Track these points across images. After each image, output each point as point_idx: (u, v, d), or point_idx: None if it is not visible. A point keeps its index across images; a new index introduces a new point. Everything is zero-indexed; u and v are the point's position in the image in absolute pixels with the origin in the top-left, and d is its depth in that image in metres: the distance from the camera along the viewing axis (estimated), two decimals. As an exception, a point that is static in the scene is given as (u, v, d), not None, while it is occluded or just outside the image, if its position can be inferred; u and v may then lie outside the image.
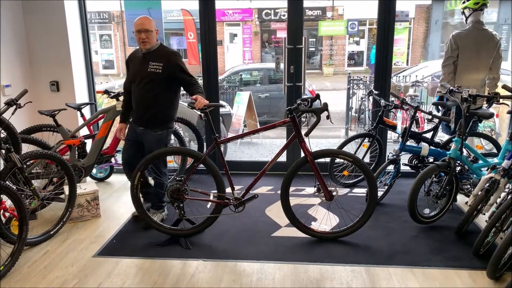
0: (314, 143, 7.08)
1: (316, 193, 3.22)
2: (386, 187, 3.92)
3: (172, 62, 3.17)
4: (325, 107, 2.86)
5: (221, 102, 6.69)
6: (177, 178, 3.19)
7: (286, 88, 4.56)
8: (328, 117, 2.94)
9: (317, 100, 3.15)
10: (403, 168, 3.98)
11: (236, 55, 18.90)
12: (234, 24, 19.16)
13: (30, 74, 4.40)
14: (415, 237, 3.30)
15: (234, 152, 6.31)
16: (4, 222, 3.22)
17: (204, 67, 4.60)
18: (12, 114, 3.04)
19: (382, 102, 3.91)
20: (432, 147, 3.90)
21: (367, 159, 4.53)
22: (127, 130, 3.47)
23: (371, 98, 4.35)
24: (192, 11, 18.27)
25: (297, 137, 3.09)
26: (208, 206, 3.39)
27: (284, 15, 19.64)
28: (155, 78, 3.16)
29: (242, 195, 3.23)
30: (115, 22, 18.82)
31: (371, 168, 4.38)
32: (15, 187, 3.01)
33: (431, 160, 3.96)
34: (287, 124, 3.11)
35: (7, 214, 3.26)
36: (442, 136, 4.41)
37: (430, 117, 3.62)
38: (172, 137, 4.46)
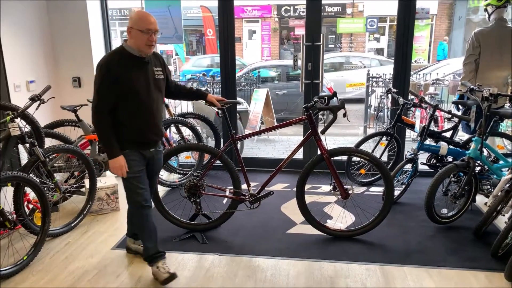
0: (332, 140, 7.06)
1: (332, 191, 3.22)
2: (404, 186, 3.88)
3: (166, 65, 2.75)
4: (342, 105, 2.86)
5: (238, 99, 6.72)
6: (194, 174, 3.23)
7: (304, 85, 4.56)
8: (344, 115, 2.94)
9: (334, 97, 3.15)
10: (422, 167, 3.95)
11: (254, 52, 18.93)
12: (253, 20, 19.17)
13: (53, 70, 4.51)
14: (431, 237, 3.27)
15: (251, 149, 6.34)
16: (27, 213, 3.33)
17: (222, 64, 4.63)
18: (36, 109, 3.14)
19: (401, 100, 3.88)
20: (451, 147, 3.85)
21: (384, 158, 4.50)
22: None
23: (389, 96, 4.30)
24: (211, 8, 18.40)
25: (314, 134, 3.09)
26: (224, 201, 3.42)
27: (303, 12, 19.54)
28: (162, 86, 2.69)
29: (258, 192, 3.25)
30: (136, 19, 19.04)
31: (388, 167, 4.36)
32: (38, 180, 3.11)
33: (450, 159, 3.92)
34: (303, 122, 3.12)
35: (30, 206, 3.37)
36: (462, 136, 4.35)
37: (449, 116, 3.57)
38: (190, 132, 4.53)
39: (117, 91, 2.43)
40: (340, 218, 3.52)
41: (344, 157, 4.11)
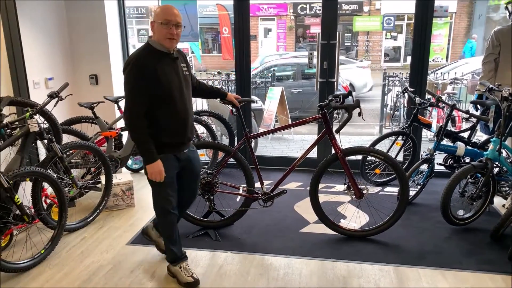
0: (347, 140, 7.01)
1: (346, 191, 3.20)
2: (419, 186, 3.83)
3: (188, 61, 2.64)
4: (357, 103, 2.84)
5: (253, 97, 6.73)
6: (208, 171, 3.25)
7: (319, 84, 4.54)
8: (360, 114, 2.92)
9: (349, 96, 3.13)
10: (438, 167, 3.89)
11: (270, 50, 18.89)
12: (269, 19, 19.15)
13: (71, 68, 4.59)
14: (447, 239, 3.22)
15: (265, 148, 6.34)
16: (45, 208, 3.40)
17: (237, 62, 4.64)
18: (54, 106, 3.20)
19: (417, 99, 3.83)
20: (469, 147, 3.78)
21: (400, 158, 4.45)
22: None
23: (406, 95, 4.25)
24: (227, 6, 18.42)
25: (328, 133, 3.08)
26: (237, 199, 3.43)
27: (319, 10, 19.42)
28: (190, 82, 2.60)
29: (271, 190, 3.25)
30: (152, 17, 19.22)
31: (404, 167, 4.31)
32: (56, 176, 3.17)
33: (467, 160, 3.85)
34: (318, 121, 3.10)
35: (48, 201, 3.44)
36: (480, 136, 4.27)
37: (467, 116, 3.51)
38: (204, 130, 4.56)
39: (153, 90, 2.30)
40: (354, 218, 3.50)
41: (359, 157, 4.08)
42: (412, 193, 3.87)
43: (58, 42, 4.39)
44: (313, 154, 4.90)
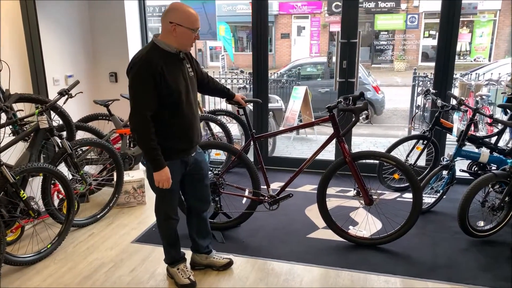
0: (372, 141, 6.80)
1: (355, 197, 3.07)
2: (438, 194, 3.63)
3: (193, 58, 2.54)
4: (364, 106, 2.70)
5: (274, 96, 6.65)
6: (214, 172, 3.21)
7: (338, 84, 4.40)
8: (367, 117, 2.78)
9: (361, 98, 2.99)
10: (462, 174, 3.67)
11: (303, 48, 18.70)
12: (303, 16, 18.94)
13: (92, 65, 4.67)
14: (464, 251, 3.03)
15: (286, 148, 6.24)
16: (58, 203, 3.48)
17: (254, 62, 4.57)
18: (64, 103, 3.25)
19: (439, 102, 3.63)
20: (495, 154, 3.55)
21: (422, 163, 4.25)
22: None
23: (427, 98, 4.04)
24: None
25: (337, 136, 2.95)
26: (243, 201, 3.38)
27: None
28: (195, 83, 2.51)
29: (277, 193, 3.17)
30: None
31: (425, 173, 4.11)
32: (69, 173, 3.23)
33: (494, 168, 3.61)
34: (327, 123, 2.99)
35: (60, 196, 3.51)
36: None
37: (490, 121, 3.28)
38: (219, 129, 4.52)
39: (160, 92, 2.20)
40: (367, 225, 3.35)
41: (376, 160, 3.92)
42: (431, 200, 3.68)
43: (80, 40, 4.48)
44: (331, 155, 4.78)
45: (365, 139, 6.98)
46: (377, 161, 3.95)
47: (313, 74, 9.60)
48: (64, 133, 3.48)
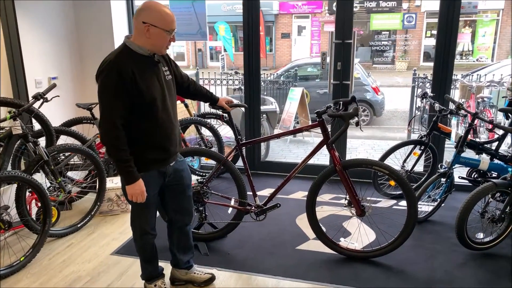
0: (370, 144, 6.62)
1: (347, 207, 2.89)
2: (436, 203, 3.45)
3: (172, 60, 2.35)
4: (354, 112, 2.53)
5: (269, 98, 6.49)
6: (199, 180, 3.04)
7: (332, 86, 4.23)
8: (357, 124, 2.60)
9: (353, 103, 2.82)
10: (462, 180, 3.49)
11: (303, 48, 18.51)
12: (303, 16, 18.75)
13: (78, 67, 4.52)
14: (462, 265, 2.85)
15: (281, 151, 6.07)
16: (36, 212, 3.32)
17: (245, 62, 4.40)
18: (39, 107, 3.09)
19: (437, 106, 3.45)
20: (496, 161, 3.37)
21: (420, 168, 4.08)
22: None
23: (424, 101, 3.86)
24: (260, 3, 18.07)
25: (326, 143, 2.78)
26: (229, 211, 3.21)
27: (356, 7, 18.80)
28: (173, 88, 2.31)
29: (265, 203, 3.00)
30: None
31: (422, 179, 3.94)
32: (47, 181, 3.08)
33: (495, 175, 3.43)
34: (316, 129, 2.82)
35: (39, 204, 3.35)
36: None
37: (490, 126, 3.10)
38: (210, 134, 4.36)
39: (132, 99, 2.02)
40: (360, 235, 3.17)
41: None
42: (428, 209, 3.51)
43: (65, 40, 4.33)
44: (326, 159, 4.60)
45: (363, 142, 6.80)
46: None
47: (312, 75, 9.42)
48: (43, 139, 3.32)
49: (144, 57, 2.11)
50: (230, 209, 3.12)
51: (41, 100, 3.00)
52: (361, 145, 6.61)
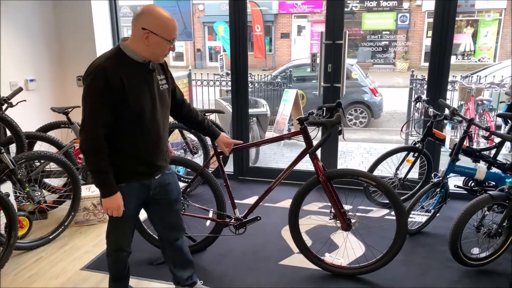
0: (367, 148, 6.42)
1: (332, 220, 2.69)
2: (430, 214, 3.25)
3: (169, 71, 2.18)
4: (337, 119, 2.32)
5: (261, 100, 6.30)
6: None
7: (322, 89, 4.03)
8: (340, 132, 2.41)
9: (338, 109, 2.62)
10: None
11: (303, 48, 18.29)
12: (303, 16, 18.54)
13: (58, 69, 4.34)
14: (456, 282, 2.65)
15: (274, 155, 5.87)
16: (5, 224, 3.13)
17: (232, 64, 4.21)
18: (3, 112, 2.91)
19: (431, 111, 3.25)
20: (495, 170, 3.16)
21: (415, 175, 3.88)
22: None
23: (419, 105, 3.66)
24: (259, 3, 17.93)
25: (308, 152, 2.58)
26: (207, 224, 3.02)
27: (356, 7, 18.59)
28: (168, 98, 2.12)
29: (244, 215, 2.80)
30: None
31: (416, 188, 3.74)
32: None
33: (493, 184, 3.23)
34: (298, 136, 2.62)
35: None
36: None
37: (486, 134, 2.90)
38: (195, 138, 4.18)
39: (117, 107, 1.87)
40: (346, 251, 2.97)
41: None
42: (422, 219, 3.31)
43: (44, 41, 4.15)
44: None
45: (359, 145, 6.60)
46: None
47: (309, 76, 9.20)
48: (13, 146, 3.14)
49: (138, 64, 1.93)
50: (208, 221, 2.92)
51: (6, 105, 2.81)
52: (357, 148, 6.41)
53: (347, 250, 2.96)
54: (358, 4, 17.39)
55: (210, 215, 2.86)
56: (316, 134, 2.60)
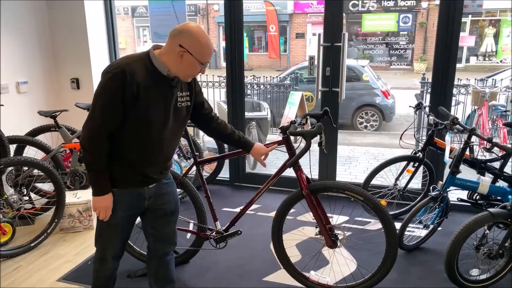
0: (374, 153, 6.19)
1: (318, 236, 2.52)
2: (429, 229, 3.05)
3: (197, 86, 2.11)
4: (318, 130, 2.15)
5: (262, 103, 6.15)
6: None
7: (320, 93, 3.86)
8: (320, 144, 2.23)
9: (326, 117, 2.45)
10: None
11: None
12: (319, 15, 18.25)
13: (51, 71, 4.27)
14: (451, 307, 2.45)
15: (276, 160, 5.68)
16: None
17: (228, 67, 4.07)
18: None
19: (431, 119, 3.04)
20: (502, 183, 2.94)
21: (418, 186, 3.68)
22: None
23: (418, 112, 3.45)
24: (274, 2, 17.74)
25: (287, 164, 2.42)
26: (188, 236, 2.88)
27: (373, 7, 18.23)
28: (184, 116, 2.03)
29: (225, 229, 2.66)
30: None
31: (418, 199, 3.53)
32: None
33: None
34: (280, 146, 2.46)
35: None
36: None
37: (489, 145, 2.68)
38: (185, 143, 4.05)
39: (125, 113, 1.80)
40: (335, 267, 2.80)
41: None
42: (421, 234, 3.10)
43: (36, 42, 4.08)
44: (315, 174, 4.22)
45: (367, 150, 6.38)
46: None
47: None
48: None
49: (161, 76, 1.86)
50: (189, 234, 2.79)
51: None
52: (364, 154, 6.19)
53: (337, 266, 2.78)
54: (375, 4, 17.05)
55: (191, 227, 2.72)
56: (298, 145, 2.43)
